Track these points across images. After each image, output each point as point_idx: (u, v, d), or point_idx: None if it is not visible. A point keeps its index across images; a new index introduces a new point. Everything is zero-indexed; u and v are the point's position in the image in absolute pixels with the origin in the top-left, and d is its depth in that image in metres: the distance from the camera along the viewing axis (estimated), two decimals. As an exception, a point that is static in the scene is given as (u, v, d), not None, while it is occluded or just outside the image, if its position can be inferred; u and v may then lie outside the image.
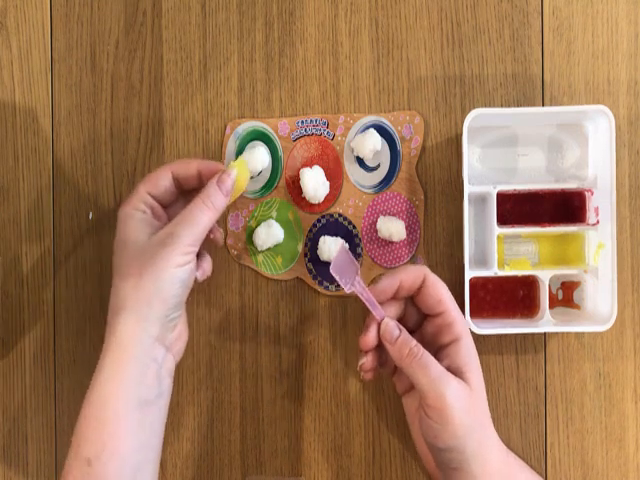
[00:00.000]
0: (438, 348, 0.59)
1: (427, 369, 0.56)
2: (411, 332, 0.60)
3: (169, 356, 0.58)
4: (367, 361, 0.60)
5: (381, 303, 0.60)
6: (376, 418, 0.68)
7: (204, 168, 0.60)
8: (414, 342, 0.57)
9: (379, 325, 0.59)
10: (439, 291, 0.59)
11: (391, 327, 0.58)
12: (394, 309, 0.60)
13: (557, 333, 0.67)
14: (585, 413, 0.67)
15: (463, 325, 0.59)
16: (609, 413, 0.67)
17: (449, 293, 0.59)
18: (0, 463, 0.68)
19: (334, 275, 0.58)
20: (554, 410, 0.67)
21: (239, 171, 0.60)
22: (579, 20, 0.68)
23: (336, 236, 0.67)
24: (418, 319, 0.62)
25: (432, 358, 0.57)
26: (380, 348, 0.60)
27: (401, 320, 0.61)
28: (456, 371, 0.57)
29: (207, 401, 0.68)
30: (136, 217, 0.58)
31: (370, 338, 0.59)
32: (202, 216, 0.57)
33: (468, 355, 0.58)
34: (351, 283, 0.59)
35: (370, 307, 0.59)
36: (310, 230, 0.68)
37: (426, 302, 0.59)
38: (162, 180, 0.60)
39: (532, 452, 0.67)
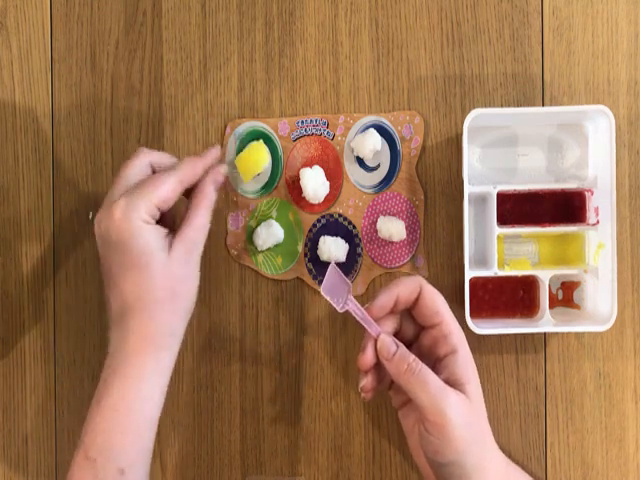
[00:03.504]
0: (435, 360, 0.59)
1: (426, 384, 0.55)
2: (408, 345, 0.60)
3: None
4: (368, 381, 0.59)
5: (378, 319, 0.59)
6: (376, 418, 0.68)
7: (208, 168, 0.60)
8: (412, 357, 0.57)
9: (376, 342, 0.58)
10: (435, 302, 0.58)
11: (388, 343, 0.57)
12: (390, 323, 0.60)
13: (557, 333, 0.67)
14: (585, 413, 0.67)
15: (460, 336, 0.58)
16: (609, 413, 0.67)
17: (446, 304, 0.59)
18: (0, 463, 0.68)
19: (325, 296, 0.58)
20: (554, 410, 0.67)
21: (256, 153, 0.65)
22: (579, 20, 0.68)
23: (336, 236, 0.67)
24: (415, 331, 0.61)
25: (431, 372, 0.56)
26: (380, 365, 0.59)
27: (398, 333, 0.60)
28: (454, 383, 0.56)
29: (207, 401, 0.68)
30: (152, 231, 0.55)
31: (368, 357, 0.58)
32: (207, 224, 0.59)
33: (466, 367, 0.57)
34: (344, 302, 0.59)
35: (365, 325, 0.58)
36: (310, 230, 0.68)
37: (422, 313, 0.59)
38: (173, 195, 0.57)
39: (532, 452, 0.67)
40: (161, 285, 0.55)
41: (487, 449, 0.58)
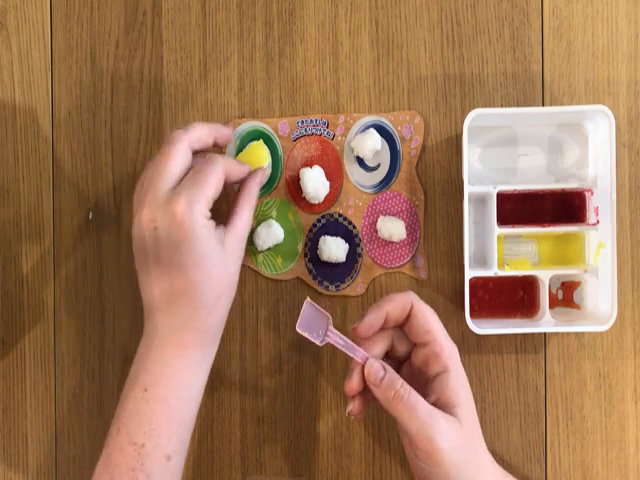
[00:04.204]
0: (427, 379, 0.57)
1: (414, 411, 0.54)
2: (401, 362, 0.59)
3: None
4: (355, 406, 0.58)
5: (368, 337, 0.58)
6: (376, 418, 0.68)
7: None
8: (400, 382, 0.55)
9: (363, 367, 0.57)
10: (427, 320, 0.57)
11: (375, 369, 0.56)
12: (382, 341, 0.59)
13: (557, 333, 0.67)
14: (585, 413, 0.67)
15: (452, 355, 0.57)
16: (609, 413, 0.67)
17: (438, 321, 0.57)
18: (0, 463, 0.68)
19: (302, 333, 0.58)
20: (554, 410, 0.67)
21: (256, 153, 0.65)
22: (579, 20, 0.68)
23: (336, 236, 0.67)
24: (408, 348, 0.59)
25: (419, 398, 0.55)
26: (368, 387, 0.57)
27: (390, 351, 0.59)
28: (445, 405, 0.55)
29: (207, 401, 0.68)
30: (211, 230, 0.55)
31: (355, 383, 0.57)
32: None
33: (457, 387, 0.56)
34: (324, 335, 0.58)
35: (350, 353, 0.57)
36: (310, 230, 0.68)
37: (414, 331, 0.57)
38: (221, 184, 0.57)
39: (532, 452, 0.67)
40: (219, 283, 0.56)
41: (482, 468, 0.57)
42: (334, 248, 0.66)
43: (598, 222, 0.64)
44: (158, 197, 0.55)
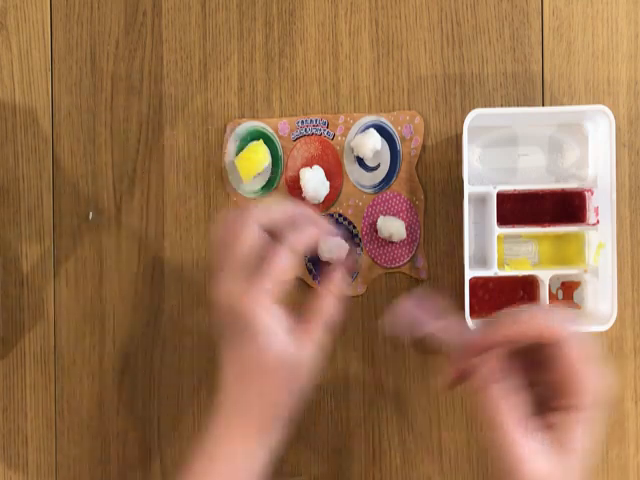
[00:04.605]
0: (550, 407, 0.49)
1: (512, 454, 0.47)
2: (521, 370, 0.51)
3: None
4: (451, 381, 0.52)
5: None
6: (376, 418, 0.68)
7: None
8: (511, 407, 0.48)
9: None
10: (578, 365, 0.47)
11: (484, 377, 0.49)
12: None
13: (557, 333, 0.67)
14: (585, 413, 0.67)
15: (591, 398, 0.48)
16: (609, 413, 0.67)
17: (586, 354, 0.48)
18: (0, 463, 0.68)
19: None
20: (554, 410, 0.67)
21: (256, 153, 0.65)
22: (579, 20, 0.68)
23: (336, 236, 0.67)
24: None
25: (526, 442, 0.47)
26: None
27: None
28: (555, 443, 0.48)
29: (207, 401, 0.68)
30: (276, 326, 0.53)
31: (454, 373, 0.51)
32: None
33: (577, 437, 0.48)
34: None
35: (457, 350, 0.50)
36: (310, 230, 0.68)
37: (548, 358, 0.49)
38: (291, 266, 0.54)
39: (532, 452, 0.67)
40: (284, 383, 0.54)
41: None
42: (334, 248, 0.66)
43: (598, 222, 0.64)
44: (225, 288, 0.53)
